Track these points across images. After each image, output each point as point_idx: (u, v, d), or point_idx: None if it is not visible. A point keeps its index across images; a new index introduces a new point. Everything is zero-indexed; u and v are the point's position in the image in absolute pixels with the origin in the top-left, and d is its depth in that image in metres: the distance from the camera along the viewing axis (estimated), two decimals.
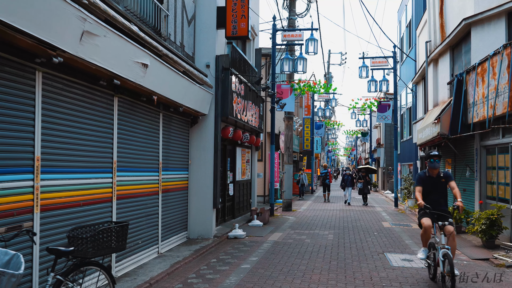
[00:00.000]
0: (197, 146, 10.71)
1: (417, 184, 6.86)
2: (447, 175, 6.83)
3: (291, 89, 16.33)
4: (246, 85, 12.82)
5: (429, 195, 6.74)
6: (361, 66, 20.19)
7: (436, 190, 6.74)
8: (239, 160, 14.03)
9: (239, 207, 14.20)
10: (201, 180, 10.64)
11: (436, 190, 6.73)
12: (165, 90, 7.83)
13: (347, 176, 22.28)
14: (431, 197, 6.71)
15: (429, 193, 6.75)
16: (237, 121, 12.23)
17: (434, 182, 6.78)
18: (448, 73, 14.16)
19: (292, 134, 18.10)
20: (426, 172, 6.91)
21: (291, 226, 13.11)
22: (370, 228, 12.90)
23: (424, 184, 6.78)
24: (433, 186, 6.76)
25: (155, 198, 8.51)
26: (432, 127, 13.04)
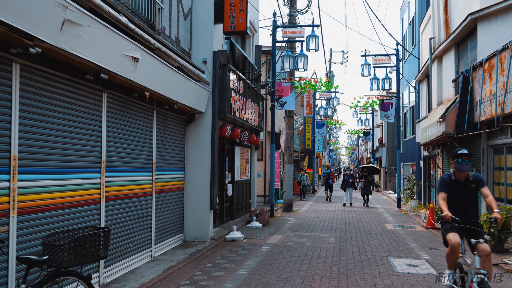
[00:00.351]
0: (193, 145, 10.33)
1: (441, 190, 5.59)
2: (479, 179, 5.59)
3: (291, 87, 15.93)
4: (245, 83, 12.43)
5: (455, 203, 5.52)
6: (363, 64, 19.78)
7: (464, 197, 5.54)
8: (238, 160, 13.65)
9: (238, 208, 13.82)
10: (198, 180, 10.26)
11: (465, 198, 5.53)
12: (158, 86, 7.44)
13: (347, 176, 21.42)
14: (458, 207, 5.50)
15: (455, 201, 5.54)
16: (236, 120, 11.84)
17: (461, 187, 5.56)
18: (453, 70, 13.75)
19: (293, 133, 17.70)
20: (452, 175, 5.67)
21: (291, 228, 12.72)
22: (373, 230, 12.50)
23: (450, 190, 5.54)
24: (460, 193, 5.55)
25: (148, 199, 8.12)
26: (437, 126, 12.63)
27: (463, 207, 5.48)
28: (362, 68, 19.82)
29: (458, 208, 5.45)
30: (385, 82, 19.64)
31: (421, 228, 13.23)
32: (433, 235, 11.91)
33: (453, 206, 5.46)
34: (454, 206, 5.46)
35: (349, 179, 21.12)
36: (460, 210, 5.42)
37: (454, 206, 5.47)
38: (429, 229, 12.90)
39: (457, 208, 5.45)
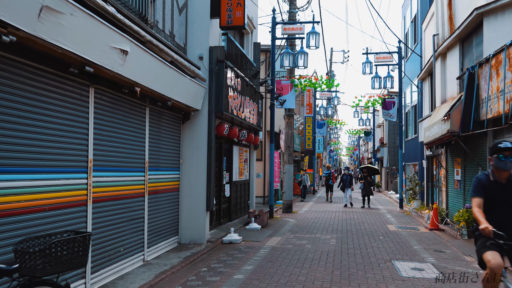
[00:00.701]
0: (189, 144, 9.96)
1: (476, 194, 4.42)
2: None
3: (291, 85, 15.55)
4: (243, 80, 12.07)
5: (494, 211, 4.38)
6: (364, 62, 19.41)
7: (506, 203, 4.38)
8: (236, 160, 13.28)
9: (236, 209, 13.44)
10: (194, 181, 9.88)
11: (507, 204, 4.37)
12: (150, 81, 7.07)
13: (346, 176, 20.80)
14: (498, 215, 4.34)
15: (494, 208, 4.39)
16: (234, 118, 11.48)
17: (503, 190, 4.40)
18: (457, 67, 13.37)
19: (293, 132, 17.34)
20: (490, 174, 4.49)
21: (291, 230, 12.34)
22: (375, 232, 12.12)
23: (487, 194, 4.39)
24: (501, 197, 4.39)
25: (140, 201, 7.75)
26: (441, 125, 12.25)
27: (504, 216, 4.31)
28: (363, 66, 19.45)
29: (498, 217, 4.29)
30: (387, 81, 19.27)
31: (425, 229, 12.85)
32: (437, 236, 11.53)
33: (491, 214, 4.33)
34: (493, 214, 4.33)
35: (347, 179, 20.51)
36: (501, 220, 4.26)
37: (492, 213, 4.34)
38: (433, 231, 12.52)
39: (496, 217, 4.29)
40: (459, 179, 13.13)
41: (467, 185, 12.42)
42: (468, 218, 10.95)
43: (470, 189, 4.65)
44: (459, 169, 13.17)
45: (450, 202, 14.17)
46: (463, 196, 12.79)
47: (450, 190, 14.16)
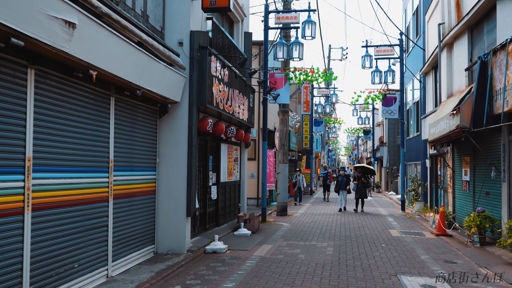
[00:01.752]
0: (167, 141, 8.81)
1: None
2: None
3: (285, 78, 14.41)
4: (231, 71, 10.94)
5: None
6: (364, 55, 18.26)
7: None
8: (224, 159, 12.14)
9: (224, 213, 12.30)
10: (172, 182, 8.74)
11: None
12: (110, 64, 5.92)
13: (341, 177, 18.72)
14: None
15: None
16: (220, 113, 10.34)
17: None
18: (465, 58, 12.24)
19: (288, 129, 16.20)
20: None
21: (284, 236, 11.20)
22: (377, 238, 10.99)
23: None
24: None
25: (103, 206, 6.60)
26: (449, 120, 11.12)
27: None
28: (363, 60, 18.31)
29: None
30: (388, 75, 18.13)
31: (431, 235, 11.73)
32: (445, 243, 10.41)
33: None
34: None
35: (343, 181, 18.55)
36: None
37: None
38: (440, 236, 11.40)
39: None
40: (468, 180, 12.01)
41: (478, 186, 11.29)
42: (480, 224, 9.82)
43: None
44: (468, 169, 12.04)
45: (458, 204, 13.04)
46: (472, 199, 11.66)
47: (458, 192, 13.03)
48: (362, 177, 18.28)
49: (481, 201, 10.98)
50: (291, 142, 24.32)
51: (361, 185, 18.02)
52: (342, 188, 18.47)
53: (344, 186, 18.41)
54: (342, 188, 18.46)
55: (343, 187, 18.44)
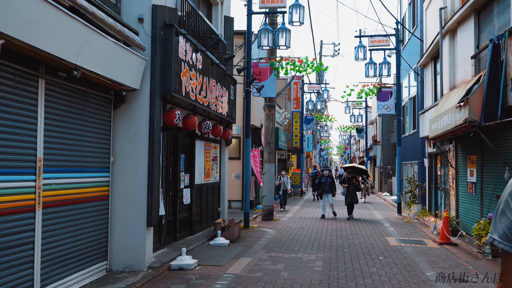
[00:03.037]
0: (124, 136, 7.37)
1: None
2: None
3: (271, 68, 13.01)
4: (206, 57, 9.53)
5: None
6: (357, 46, 16.89)
7: None
8: (200, 158, 10.72)
9: (200, 219, 10.87)
10: (130, 186, 7.30)
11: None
12: (27, 33, 4.47)
13: (324, 178, 16.02)
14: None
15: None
16: (192, 104, 8.92)
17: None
18: (471, 45, 10.91)
19: (274, 126, 14.80)
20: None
21: (267, 246, 9.79)
22: (373, 248, 9.62)
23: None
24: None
25: (26, 218, 5.15)
26: (455, 113, 9.78)
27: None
28: (356, 51, 16.94)
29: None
30: (383, 67, 16.78)
31: (433, 243, 10.39)
32: (451, 254, 9.07)
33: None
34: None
35: (327, 182, 15.75)
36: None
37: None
38: (444, 245, 10.07)
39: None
40: (474, 181, 10.68)
41: (486, 189, 9.96)
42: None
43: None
44: (474, 169, 10.70)
45: (462, 209, 11.70)
46: (480, 203, 10.32)
47: (462, 195, 11.70)
48: (354, 179, 15.98)
49: (493, 206, 9.63)
50: (280, 140, 22.94)
51: (353, 189, 15.61)
52: (326, 191, 15.69)
53: (328, 188, 15.66)
54: (326, 191, 15.66)
55: (327, 190, 15.66)
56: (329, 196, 15.63)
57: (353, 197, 15.42)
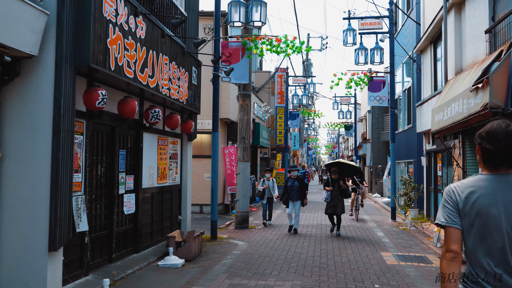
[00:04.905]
0: (17, 123, 5.23)
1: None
2: None
3: (243, 48, 10.90)
4: (153, 26, 7.43)
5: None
6: (346, 29, 14.88)
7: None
8: (151, 155, 8.61)
9: (151, 232, 8.74)
10: (24, 193, 5.17)
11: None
12: None
13: (291, 180, 11.99)
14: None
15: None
16: (133, 85, 6.80)
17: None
18: (485, 17, 8.91)
19: (249, 118, 12.70)
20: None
21: (232, 267, 7.68)
22: (365, 270, 7.56)
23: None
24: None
25: None
26: (468, 98, 7.77)
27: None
28: (344, 35, 14.93)
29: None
30: (375, 53, 14.77)
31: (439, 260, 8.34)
32: None
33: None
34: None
35: (294, 187, 11.86)
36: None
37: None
38: None
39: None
40: None
41: None
42: None
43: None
44: None
45: None
46: None
47: None
48: (341, 181, 11.77)
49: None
50: (261, 137, 20.87)
51: (338, 194, 11.56)
52: (292, 197, 11.83)
53: (296, 194, 11.79)
54: (293, 198, 11.82)
55: (294, 196, 11.80)
56: (296, 204, 11.80)
57: (337, 206, 11.39)
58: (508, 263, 2.17)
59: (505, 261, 2.17)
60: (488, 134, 2.28)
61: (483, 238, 2.20)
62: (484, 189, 2.25)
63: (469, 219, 2.24)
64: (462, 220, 2.26)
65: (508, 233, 2.18)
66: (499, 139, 2.24)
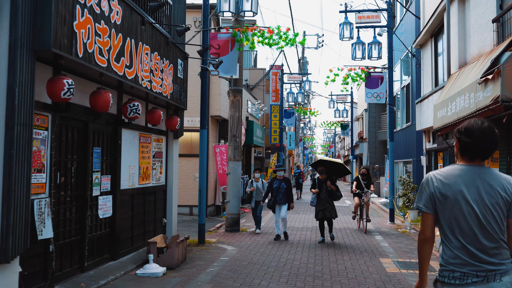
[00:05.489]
0: None
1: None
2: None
3: (233, 40, 10.22)
4: (132, 11, 6.77)
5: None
6: (342, 22, 14.23)
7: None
8: (131, 153, 7.94)
9: (131, 237, 8.05)
10: None
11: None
12: None
13: (277, 181, 10.64)
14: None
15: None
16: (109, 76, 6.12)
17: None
18: (492, 5, 8.27)
19: (240, 115, 12.04)
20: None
21: (217, 277, 7.01)
22: (364, 280, 6.91)
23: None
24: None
25: None
26: (476, 92, 7.13)
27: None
28: (341, 28, 14.27)
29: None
30: (373, 48, 14.13)
31: None
32: None
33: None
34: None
35: (281, 188, 10.48)
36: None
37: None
38: None
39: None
40: None
41: None
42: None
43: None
44: (497, 168, 8.09)
45: None
46: None
47: None
48: (328, 181, 10.39)
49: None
50: (255, 136, 20.22)
51: (326, 196, 10.27)
52: (279, 200, 10.48)
53: (283, 197, 10.45)
54: (280, 201, 10.48)
55: (282, 200, 10.45)
56: (283, 207, 10.46)
57: (326, 209, 10.17)
58: (478, 241, 2.49)
59: (476, 240, 2.49)
60: (466, 129, 2.59)
61: (457, 220, 2.52)
62: (460, 178, 2.55)
63: (446, 204, 2.54)
64: (440, 205, 2.56)
65: (477, 216, 2.49)
66: (476, 134, 2.55)
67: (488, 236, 2.48)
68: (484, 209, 2.48)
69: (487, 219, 2.47)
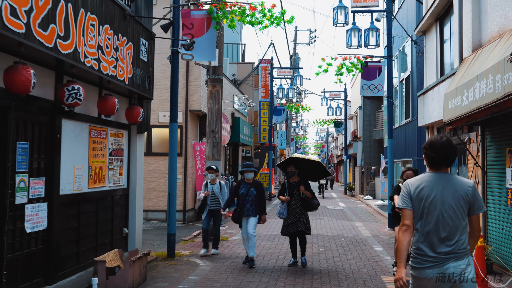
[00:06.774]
0: None
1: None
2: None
3: (208, 18, 8.71)
4: None
5: None
6: (336, 6, 12.79)
7: None
8: (77, 150, 6.42)
9: (76, 253, 6.51)
10: None
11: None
12: None
13: (245, 186, 7.96)
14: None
15: None
16: (25, 44, 4.63)
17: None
18: None
19: (220, 108, 10.55)
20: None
21: None
22: None
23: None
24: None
25: None
26: (504, 73, 5.68)
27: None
28: (335, 13, 12.84)
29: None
30: (370, 35, 12.69)
31: None
32: None
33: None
34: None
35: (249, 196, 7.85)
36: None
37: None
38: None
39: None
40: None
41: None
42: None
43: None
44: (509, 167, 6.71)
45: (494, 229, 7.67)
46: None
47: (494, 208, 7.66)
48: (302, 185, 7.80)
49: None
50: (242, 134, 18.76)
51: (299, 205, 7.77)
52: (246, 211, 7.87)
53: (251, 207, 7.85)
54: (246, 213, 7.88)
55: (249, 210, 7.86)
56: (251, 221, 7.85)
57: (298, 222, 7.66)
58: (438, 232, 3.12)
59: (437, 231, 3.12)
60: (429, 145, 3.22)
61: (425, 216, 3.17)
62: (429, 183, 3.18)
63: (418, 203, 3.19)
64: (413, 204, 3.20)
65: (441, 212, 3.13)
66: (437, 148, 3.18)
67: (448, 229, 3.12)
68: (449, 208, 3.10)
69: (451, 216, 3.11)
